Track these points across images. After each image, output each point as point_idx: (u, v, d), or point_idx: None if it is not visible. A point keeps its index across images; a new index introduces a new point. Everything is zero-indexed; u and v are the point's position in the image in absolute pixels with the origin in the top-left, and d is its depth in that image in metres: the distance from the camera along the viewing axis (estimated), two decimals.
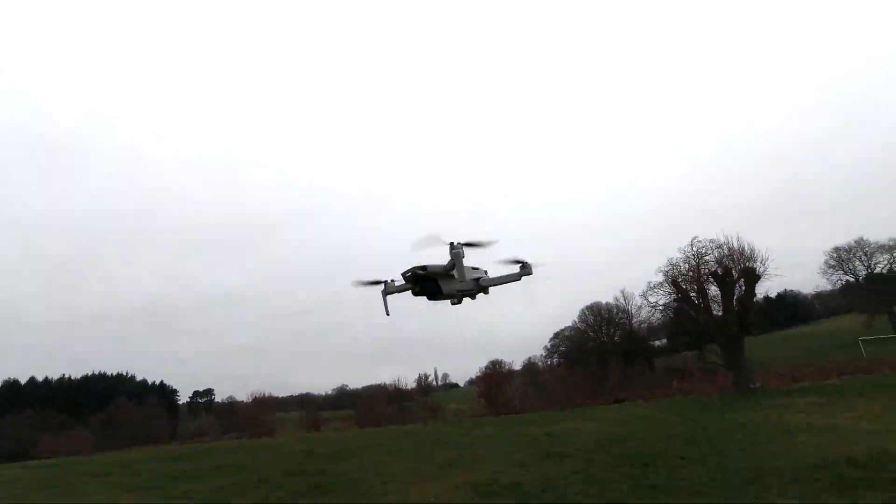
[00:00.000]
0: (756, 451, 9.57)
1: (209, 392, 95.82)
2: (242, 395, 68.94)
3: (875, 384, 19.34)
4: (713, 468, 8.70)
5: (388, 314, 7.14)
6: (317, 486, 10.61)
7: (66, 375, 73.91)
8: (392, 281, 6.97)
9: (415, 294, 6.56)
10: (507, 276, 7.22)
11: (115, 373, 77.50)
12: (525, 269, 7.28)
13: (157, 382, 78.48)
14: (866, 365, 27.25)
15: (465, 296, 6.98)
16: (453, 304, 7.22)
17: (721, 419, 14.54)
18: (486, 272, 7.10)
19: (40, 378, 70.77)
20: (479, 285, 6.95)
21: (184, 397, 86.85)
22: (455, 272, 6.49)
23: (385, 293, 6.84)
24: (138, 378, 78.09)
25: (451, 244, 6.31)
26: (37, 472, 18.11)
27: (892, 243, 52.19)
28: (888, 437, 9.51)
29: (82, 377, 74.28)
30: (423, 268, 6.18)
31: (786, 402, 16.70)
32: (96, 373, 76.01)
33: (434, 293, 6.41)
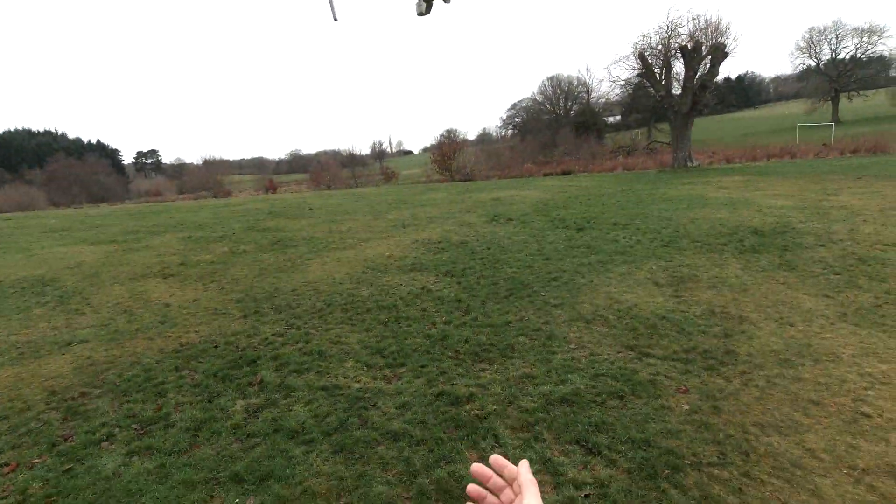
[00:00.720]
0: (678, 220, 10.71)
1: (154, 153, 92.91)
2: (190, 158, 67.60)
3: (797, 167, 21.06)
4: (639, 233, 9.79)
5: (335, 19, 5.26)
6: (277, 242, 11.30)
7: None
8: None
9: None
10: None
11: (41, 129, 72.19)
12: None
13: (94, 141, 74.44)
14: (796, 150, 29.21)
15: None
16: (420, 13, 5.74)
17: (654, 191, 15.83)
18: None
19: None
20: None
21: (127, 158, 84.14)
22: None
23: None
24: (70, 136, 73.53)
25: None
26: None
27: (866, 26, 50.45)
28: (793, 212, 10.75)
29: (5, 132, 68.99)
30: None
31: (714, 180, 18.16)
32: (20, 129, 70.51)
33: None
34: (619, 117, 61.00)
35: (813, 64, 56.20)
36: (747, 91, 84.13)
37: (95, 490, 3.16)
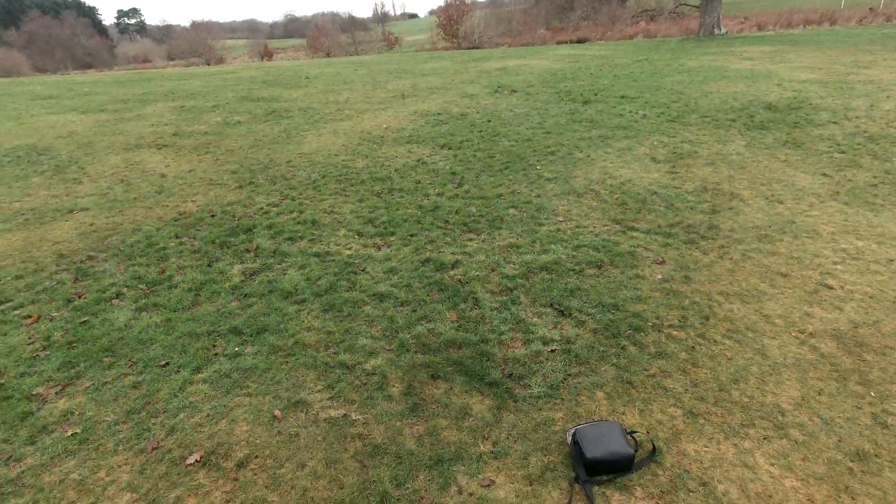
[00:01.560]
0: (689, 94, 10.15)
1: (136, 12, 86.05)
2: (176, 20, 62.62)
3: (835, 36, 19.29)
4: (647, 106, 9.35)
5: None
6: (272, 112, 10.94)
7: None
8: None
9: None
10: None
11: None
12: None
13: None
14: (838, 16, 26.43)
15: None
16: None
17: (672, 62, 14.76)
18: None
19: None
20: None
21: (107, 18, 77.77)
22: None
23: None
24: None
25: None
26: None
27: None
28: (814, 86, 10.10)
29: None
30: None
31: (739, 50, 16.79)
32: None
33: None
34: None
35: None
36: None
37: (111, 338, 3.50)
